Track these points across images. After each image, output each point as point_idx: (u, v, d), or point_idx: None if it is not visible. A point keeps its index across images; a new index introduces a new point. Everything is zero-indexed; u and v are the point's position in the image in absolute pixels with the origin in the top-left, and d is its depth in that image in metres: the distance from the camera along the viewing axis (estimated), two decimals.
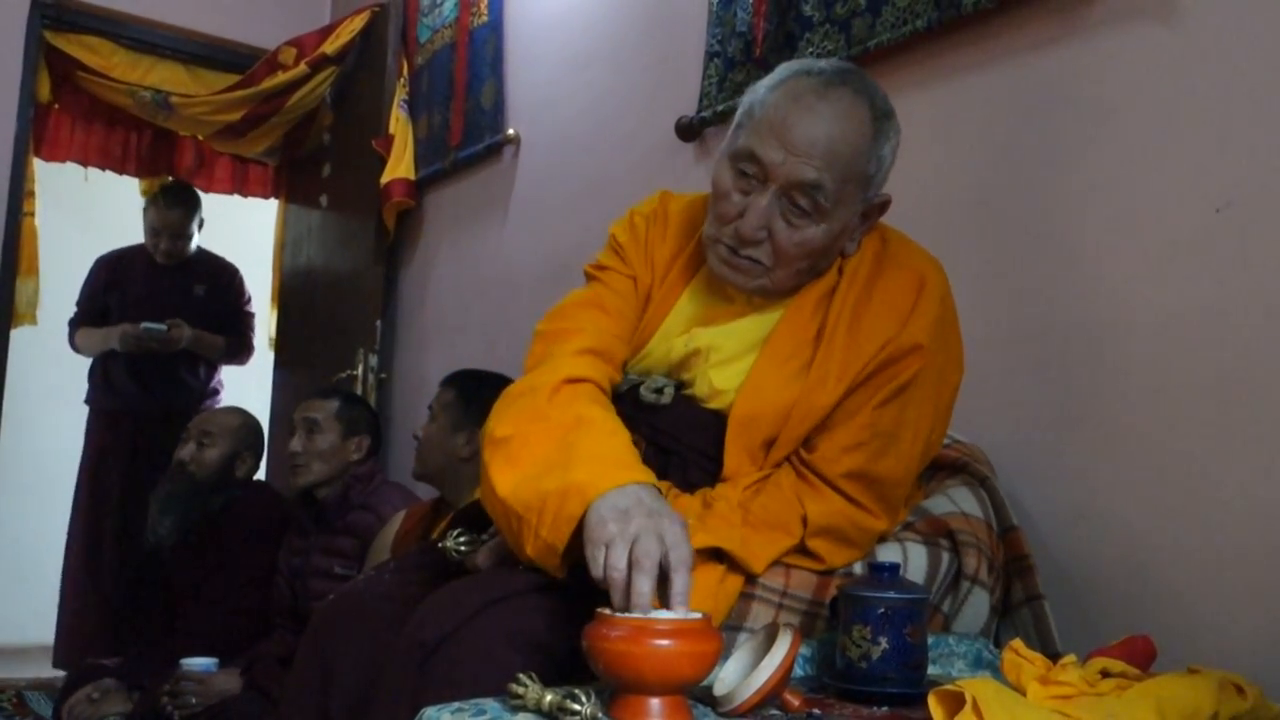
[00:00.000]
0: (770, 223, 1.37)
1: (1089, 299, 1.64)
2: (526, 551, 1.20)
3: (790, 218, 1.37)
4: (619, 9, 2.79)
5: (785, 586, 1.33)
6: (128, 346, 3.93)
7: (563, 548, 1.17)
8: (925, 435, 1.42)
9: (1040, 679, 1.05)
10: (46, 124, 4.06)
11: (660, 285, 1.54)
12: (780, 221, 1.37)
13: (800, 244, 1.38)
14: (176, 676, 2.54)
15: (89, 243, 4.78)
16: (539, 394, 1.34)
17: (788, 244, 1.37)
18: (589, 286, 1.56)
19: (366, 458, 2.82)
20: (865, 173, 1.38)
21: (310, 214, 4.15)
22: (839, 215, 1.38)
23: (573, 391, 1.35)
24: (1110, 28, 1.66)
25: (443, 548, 1.34)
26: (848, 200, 1.38)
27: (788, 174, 1.35)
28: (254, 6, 4.22)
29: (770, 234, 1.38)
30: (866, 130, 1.37)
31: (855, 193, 1.38)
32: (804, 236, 1.37)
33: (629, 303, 1.53)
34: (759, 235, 1.38)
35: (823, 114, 1.36)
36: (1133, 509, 1.54)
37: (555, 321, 1.50)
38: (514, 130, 3.14)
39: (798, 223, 1.37)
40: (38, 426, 4.88)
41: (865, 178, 1.38)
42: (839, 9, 2.07)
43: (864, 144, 1.37)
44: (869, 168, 1.38)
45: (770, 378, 1.39)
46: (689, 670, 1.02)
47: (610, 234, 1.60)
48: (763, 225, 1.37)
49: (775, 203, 1.37)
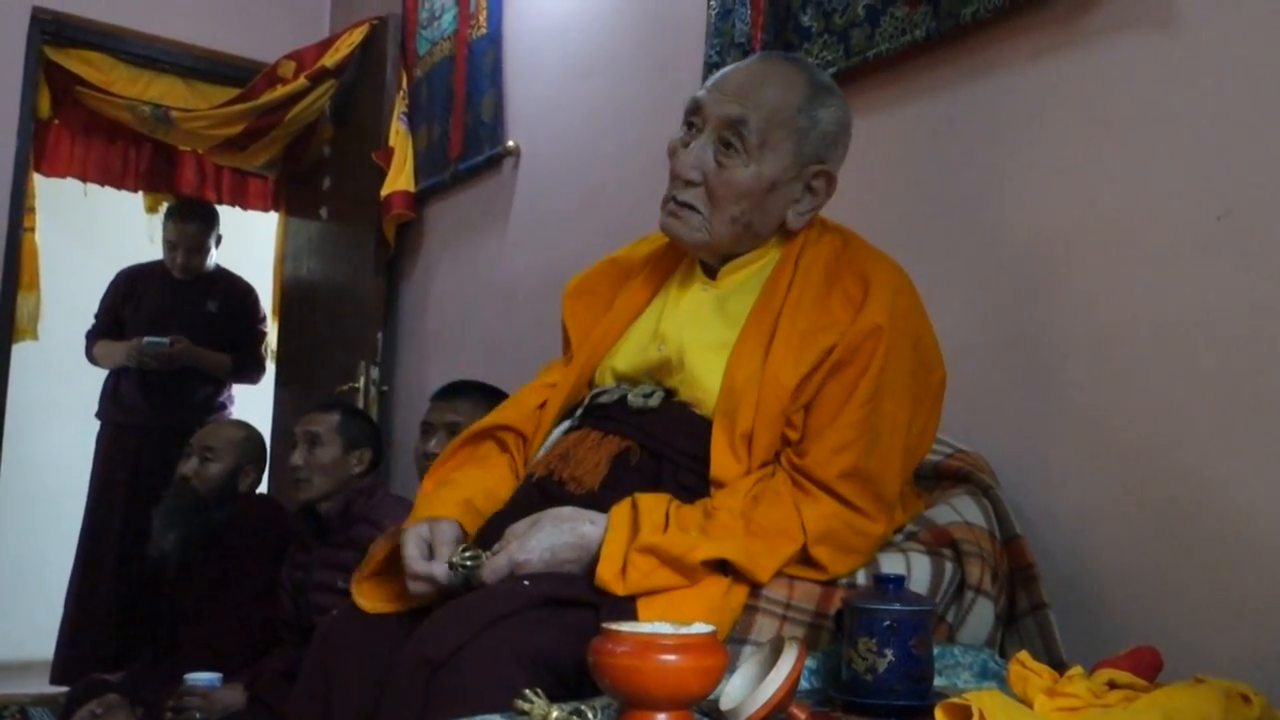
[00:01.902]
0: (704, 165, 1.47)
1: (1090, 307, 1.64)
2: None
3: (721, 157, 1.47)
4: (618, 20, 2.80)
5: (789, 598, 1.33)
6: (132, 362, 3.95)
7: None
8: (904, 427, 1.43)
9: (1047, 691, 1.05)
10: (46, 139, 4.06)
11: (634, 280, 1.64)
12: (713, 163, 1.47)
13: (729, 184, 1.46)
14: (180, 691, 2.54)
15: (88, 258, 4.81)
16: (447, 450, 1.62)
17: (717, 183, 1.47)
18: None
19: (368, 471, 2.81)
20: (796, 124, 1.47)
21: (310, 226, 4.15)
22: (768, 160, 1.46)
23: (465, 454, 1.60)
24: (1109, 37, 1.66)
25: (447, 563, 1.34)
26: (775, 145, 1.46)
27: (717, 113, 1.47)
28: (253, 20, 4.23)
29: (704, 177, 1.47)
30: (800, 88, 1.49)
31: (784, 140, 1.47)
32: (732, 176, 1.46)
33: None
34: (692, 175, 1.47)
35: (755, 69, 1.53)
36: (1137, 518, 1.54)
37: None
38: (514, 142, 3.15)
39: (727, 162, 1.46)
40: (39, 442, 4.88)
41: (797, 129, 1.47)
42: (837, 19, 2.07)
43: (794, 97, 1.48)
44: (800, 120, 1.47)
45: (738, 372, 1.43)
46: (695, 685, 1.02)
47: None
48: (696, 165, 1.47)
49: (709, 146, 1.47)
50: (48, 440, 4.93)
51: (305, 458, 2.74)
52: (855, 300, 1.43)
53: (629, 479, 1.39)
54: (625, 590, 1.25)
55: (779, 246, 1.54)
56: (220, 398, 4.21)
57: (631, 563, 1.25)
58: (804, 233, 1.53)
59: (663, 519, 1.29)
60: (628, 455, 1.42)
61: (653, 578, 1.25)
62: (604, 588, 1.25)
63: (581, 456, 1.44)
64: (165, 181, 4.37)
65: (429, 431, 2.51)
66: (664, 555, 1.26)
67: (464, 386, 2.57)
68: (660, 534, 1.27)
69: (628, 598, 1.25)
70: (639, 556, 1.25)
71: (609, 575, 1.25)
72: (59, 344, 4.19)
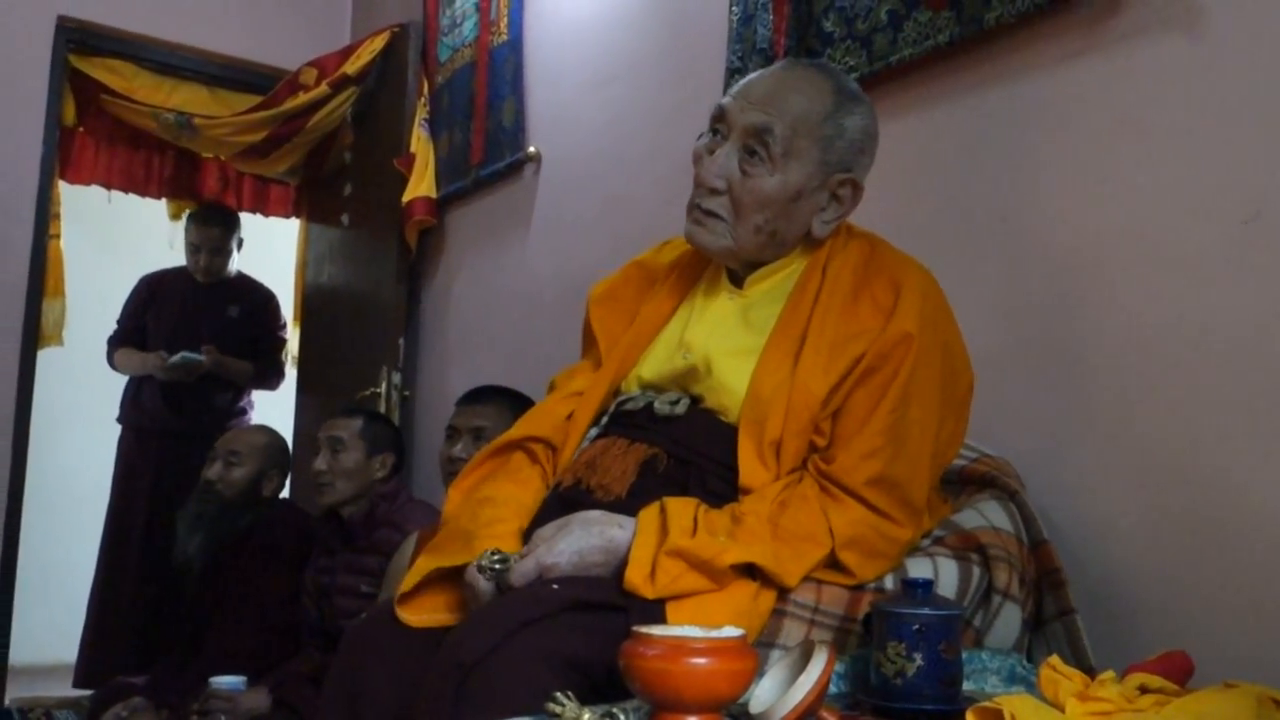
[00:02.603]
0: (729, 174, 1.46)
1: (1118, 312, 1.63)
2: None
3: (746, 166, 1.46)
4: (639, 26, 2.80)
5: (817, 603, 1.33)
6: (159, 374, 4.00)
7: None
8: (933, 433, 1.43)
9: (1078, 695, 1.05)
10: (71, 147, 4.10)
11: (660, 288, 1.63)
12: (738, 172, 1.47)
13: (754, 192, 1.46)
14: (206, 695, 2.55)
15: (111, 265, 4.85)
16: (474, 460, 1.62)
17: (742, 192, 1.46)
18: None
19: (391, 475, 2.83)
20: (822, 132, 1.47)
21: (331, 233, 4.17)
22: (793, 169, 1.46)
23: (494, 465, 1.59)
24: (1135, 40, 1.66)
25: (475, 567, 1.34)
26: (800, 154, 1.46)
27: (743, 121, 1.47)
28: (275, 28, 4.26)
29: (729, 186, 1.47)
30: (825, 96, 1.48)
31: (810, 149, 1.46)
32: (757, 185, 1.46)
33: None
34: (717, 183, 1.47)
35: (781, 76, 1.51)
36: (1164, 523, 1.54)
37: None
38: (534, 148, 3.16)
39: (752, 171, 1.46)
40: (63, 446, 4.92)
41: (822, 138, 1.47)
42: (860, 25, 2.07)
43: (820, 105, 1.47)
44: (826, 128, 1.47)
45: (766, 380, 1.43)
46: (725, 688, 1.03)
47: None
48: (721, 174, 1.47)
49: (734, 154, 1.47)
50: (70, 445, 4.97)
51: (329, 462, 2.76)
52: (885, 307, 1.43)
53: (656, 486, 1.40)
54: (654, 594, 1.25)
55: (805, 254, 1.54)
56: (240, 403, 4.25)
57: (660, 566, 1.26)
58: (830, 240, 1.53)
59: (691, 523, 1.30)
60: (655, 462, 1.43)
61: (681, 581, 1.26)
62: (633, 591, 1.26)
63: (609, 464, 1.44)
64: (188, 188, 4.41)
65: (454, 436, 2.52)
66: (693, 559, 1.26)
67: (489, 391, 2.58)
68: (689, 538, 1.27)
69: (656, 601, 1.25)
70: (668, 560, 1.26)
71: (638, 578, 1.25)
72: (82, 350, 4.23)
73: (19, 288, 3.77)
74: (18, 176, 3.78)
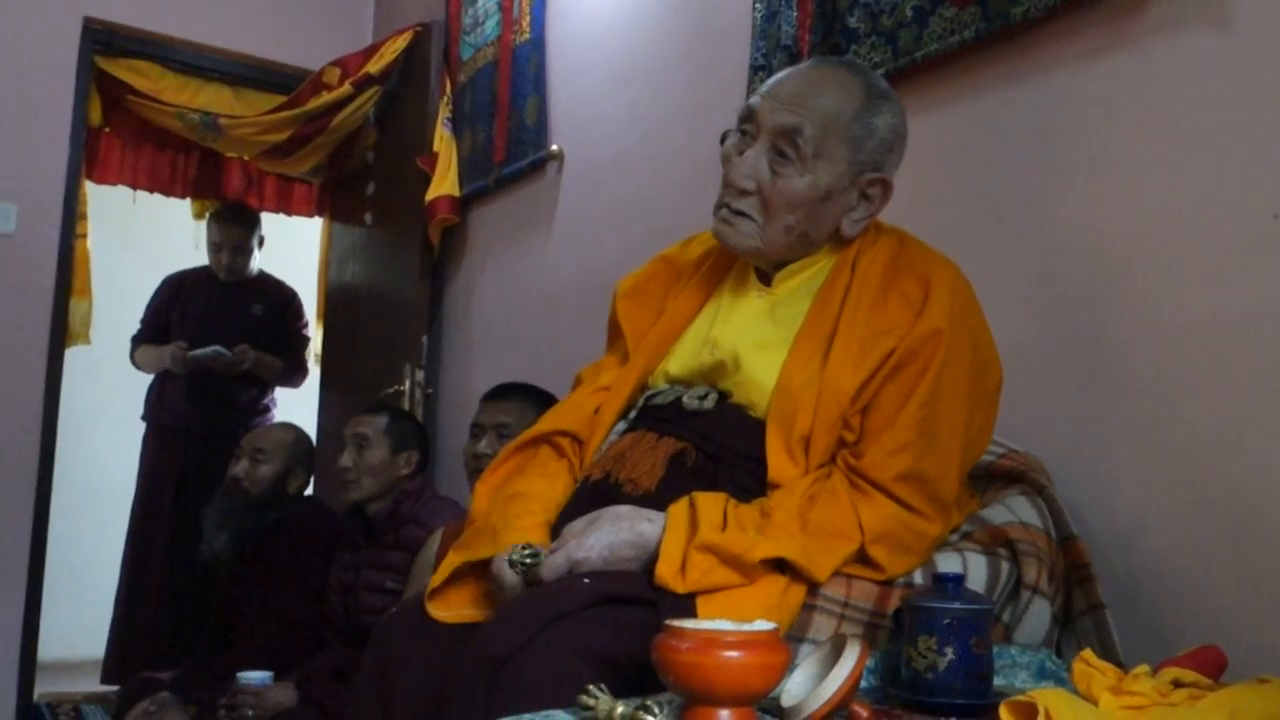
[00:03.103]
0: (758, 174, 1.46)
1: (1146, 307, 1.63)
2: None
3: (775, 166, 1.46)
4: (662, 24, 2.81)
5: (847, 597, 1.33)
6: (178, 367, 4.02)
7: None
8: (962, 429, 1.42)
9: (1112, 689, 1.05)
10: (98, 147, 4.14)
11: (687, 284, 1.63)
12: (767, 172, 1.46)
13: (783, 193, 1.45)
14: (233, 690, 2.58)
15: (136, 264, 4.89)
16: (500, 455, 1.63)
17: (772, 193, 1.46)
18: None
19: (416, 472, 2.85)
20: (852, 132, 1.46)
21: (354, 232, 4.20)
22: (823, 170, 1.45)
23: (522, 459, 1.60)
24: (1162, 35, 1.65)
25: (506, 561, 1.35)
26: (830, 154, 1.45)
27: (772, 121, 1.46)
28: (298, 28, 4.28)
29: (758, 186, 1.46)
30: (855, 95, 1.47)
31: (840, 149, 1.46)
32: (787, 185, 1.45)
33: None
34: (746, 184, 1.47)
35: (810, 75, 1.50)
36: (1196, 518, 1.53)
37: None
38: (557, 146, 3.17)
39: (782, 171, 1.46)
40: (90, 444, 4.97)
41: (852, 138, 1.46)
42: (885, 20, 2.07)
43: (849, 105, 1.47)
44: (855, 128, 1.46)
45: (795, 376, 1.43)
46: (758, 681, 1.03)
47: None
48: (751, 175, 1.47)
49: (764, 154, 1.46)
50: (96, 442, 5.01)
51: (354, 459, 2.78)
52: (914, 303, 1.43)
53: (685, 480, 1.40)
54: (685, 588, 1.26)
55: (834, 252, 1.54)
56: (264, 400, 4.28)
57: (690, 561, 1.26)
58: (859, 236, 1.53)
59: (720, 518, 1.30)
60: (684, 456, 1.43)
61: (712, 576, 1.26)
62: (663, 585, 1.26)
63: (638, 458, 1.44)
64: (212, 188, 4.45)
65: (478, 433, 2.53)
66: (723, 554, 1.27)
67: (513, 388, 2.59)
68: (719, 533, 1.28)
69: (687, 596, 1.26)
70: (698, 555, 1.26)
71: (668, 573, 1.26)
72: (107, 348, 4.26)
73: (47, 287, 3.82)
74: (45, 177, 3.82)
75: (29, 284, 3.77)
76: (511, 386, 2.59)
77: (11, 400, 3.73)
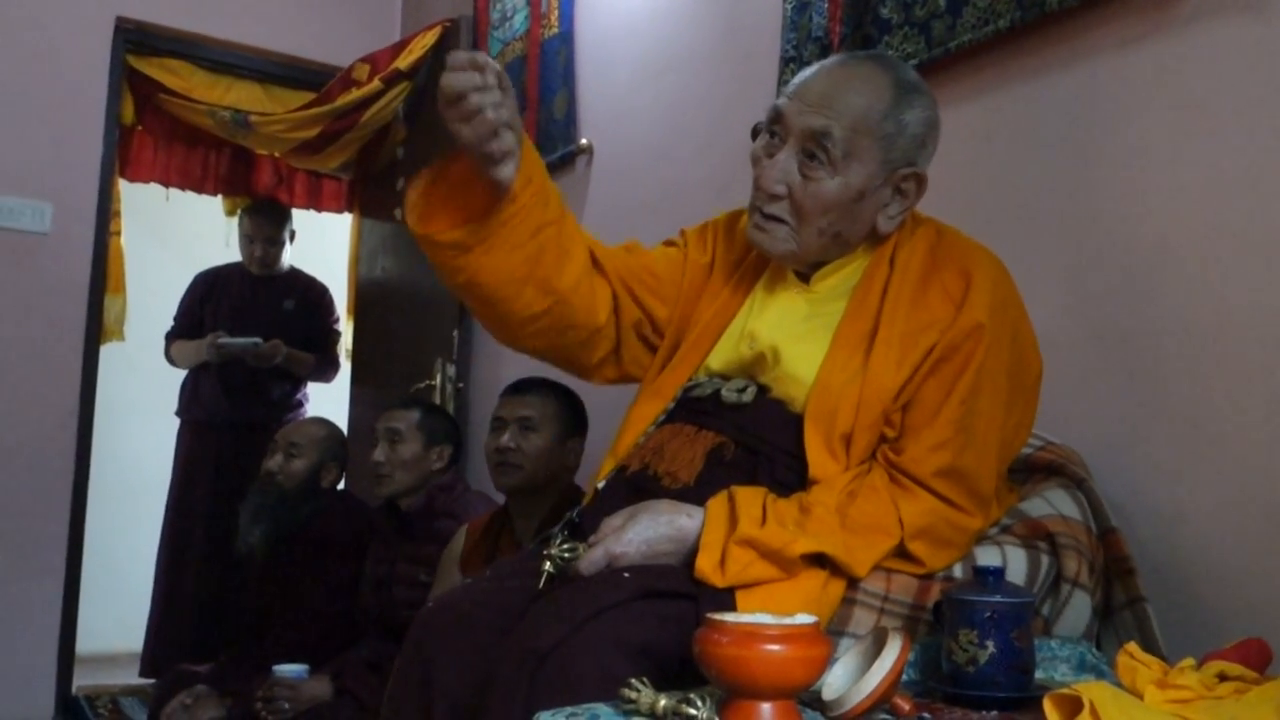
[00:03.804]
0: (789, 178, 1.44)
1: (1185, 297, 1.62)
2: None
3: (806, 170, 1.44)
4: (691, 16, 2.80)
5: (886, 591, 1.33)
6: (212, 357, 4.06)
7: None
8: (1000, 423, 1.42)
9: (1157, 683, 1.04)
10: (130, 145, 4.17)
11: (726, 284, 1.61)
12: (798, 176, 1.44)
13: (815, 196, 1.43)
14: (270, 683, 2.60)
15: (169, 261, 4.93)
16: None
17: (803, 197, 1.44)
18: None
19: (448, 467, 2.86)
20: (882, 130, 1.43)
21: (384, 227, 4.21)
22: (854, 170, 1.43)
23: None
24: (1199, 23, 1.64)
25: (545, 555, 1.36)
26: (861, 154, 1.43)
27: (800, 125, 1.43)
28: (327, 25, 4.30)
29: (789, 190, 1.44)
30: (884, 92, 1.44)
31: (871, 148, 1.43)
32: (819, 189, 1.43)
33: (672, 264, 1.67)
34: (777, 189, 1.45)
35: (838, 74, 1.47)
36: (1239, 511, 1.52)
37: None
38: (586, 140, 3.17)
39: (813, 175, 1.43)
40: (125, 439, 5.02)
41: (883, 136, 1.43)
42: (918, 10, 2.06)
43: (879, 102, 1.43)
44: (886, 126, 1.43)
45: (836, 374, 1.42)
46: (800, 675, 1.03)
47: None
48: (781, 179, 1.45)
49: (793, 157, 1.44)
50: (131, 438, 5.07)
51: (387, 454, 2.79)
52: (955, 296, 1.42)
53: (724, 474, 1.40)
54: (724, 582, 1.26)
55: (871, 248, 1.53)
56: (297, 395, 4.32)
57: (730, 555, 1.26)
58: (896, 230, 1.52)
59: (760, 512, 1.30)
60: (722, 450, 1.43)
61: (751, 570, 1.26)
62: (703, 579, 1.26)
63: (676, 451, 1.44)
64: (243, 185, 4.48)
65: (500, 426, 2.52)
66: (763, 548, 1.27)
67: (534, 382, 2.59)
68: (758, 527, 1.28)
69: (726, 589, 1.26)
70: (737, 549, 1.27)
71: (708, 567, 1.26)
72: (141, 345, 4.31)
73: (82, 284, 3.85)
74: (80, 176, 3.86)
75: (64, 282, 3.81)
76: (532, 381, 2.59)
77: (48, 397, 3.77)
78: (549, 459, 2.45)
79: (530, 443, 2.45)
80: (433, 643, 1.43)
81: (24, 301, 3.74)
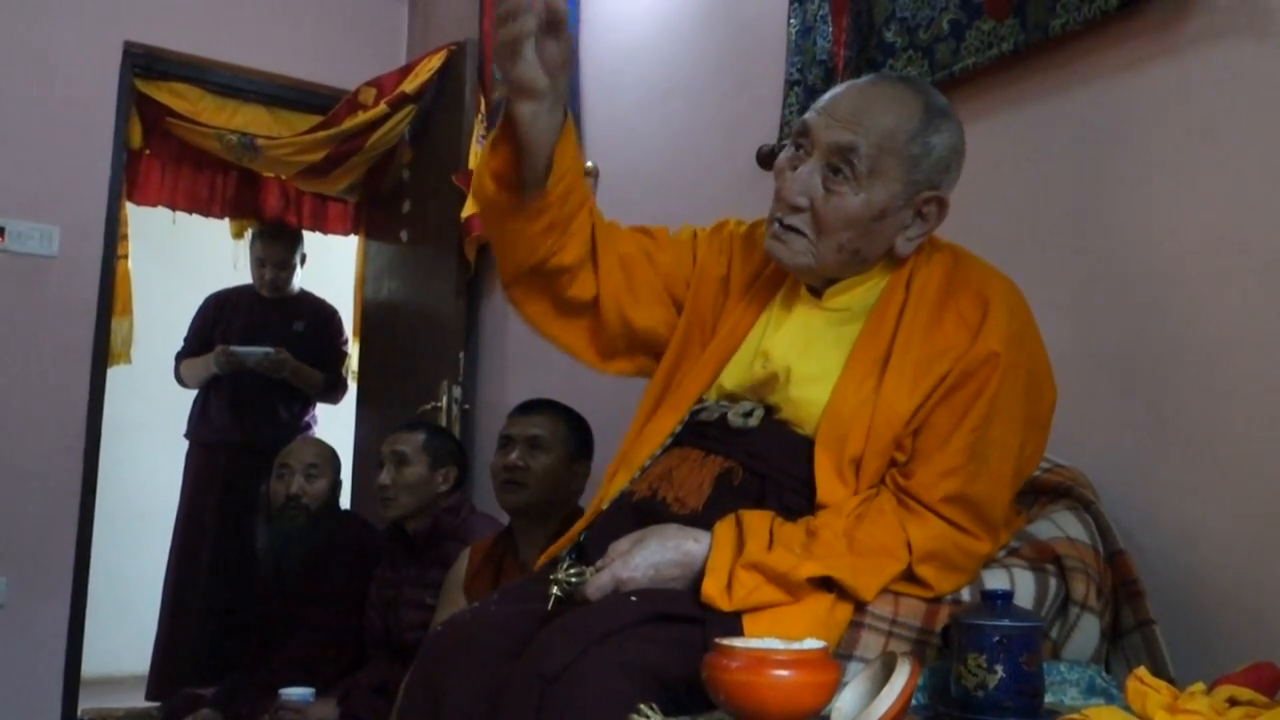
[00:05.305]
0: (811, 191, 1.44)
1: (1193, 318, 1.62)
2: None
3: (830, 184, 1.44)
4: (697, 40, 2.82)
5: (894, 614, 1.33)
6: (221, 367, 4.08)
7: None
8: (1015, 452, 1.41)
9: (1167, 707, 1.04)
10: (138, 169, 4.19)
11: (741, 298, 1.61)
12: (821, 189, 1.44)
13: (837, 211, 1.43)
14: (276, 706, 2.59)
15: (177, 284, 4.95)
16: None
17: (824, 210, 1.44)
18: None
19: (454, 489, 2.86)
20: (909, 151, 1.43)
21: (390, 249, 4.23)
22: (878, 188, 1.43)
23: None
24: (1204, 46, 1.65)
25: (552, 579, 1.36)
26: (886, 173, 1.43)
27: (827, 139, 1.44)
28: (334, 49, 4.33)
29: (811, 202, 1.44)
30: (913, 113, 1.44)
31: (896, 168, 1.43)
32: (841, 204, 1.43)
33: (677, 252, 1.69)
34: (799, 200, 1.45)
35: (869, 92, 1.47)
36: (1249, 533, 1.52)
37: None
38: (592, 163, 3.17)
39: (836, 189, 1.43)
40: (132, 462, 5.03)
41: (909, 157, 1.43)
42: (922, 34, 2.07)
43: (907, 123, 1.44)
44: (912, 147, 1.43)
45: (849, 399, 1.41)
46: (809, 700, 1.03)
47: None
48: (804, 191, 1.44)
49: (817, 171, 1.44)
50: (139, 460, 5.07)
51: (392, 477, 2.79)
52: (971, 323, 1.41)
53: (733, 500, 1.40)
54: (731, 606, 1.26)
55: (887, 269, 1.52)
56: (306, 417, 4.32)
57: (737, 579, 1.26)
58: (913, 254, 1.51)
59: (767, 536, 1.30)
60: (730, 476, 1.43)
61: (758, 594, 1.26)
62: (710, 603, 1.26)
63: (684, 476, 1.44)
64: (250, 208, 4.50)
65: (508, 445, 2.53)
66: (769, 572, 1.27)
67: (543, 403, 2.60)
68: (765, 551, 1.28)
69: (733, 614, 1.26)
70: (744, 573, 1.27)
71: (715, 591, 1.26)
72: (148, 367, 4.31)
73: (89, 307, 3.86)
74: (87, 199, 3.88)
75: (72, 304, 3.83)
76: (541, 402, 2.60)
77: (55, 419, 3.77)
78: (555, 480, 2.46)
79: (538, 462, 2.46)
80: (441, 666, 1.43)
81: (32, 324, 3.75)
